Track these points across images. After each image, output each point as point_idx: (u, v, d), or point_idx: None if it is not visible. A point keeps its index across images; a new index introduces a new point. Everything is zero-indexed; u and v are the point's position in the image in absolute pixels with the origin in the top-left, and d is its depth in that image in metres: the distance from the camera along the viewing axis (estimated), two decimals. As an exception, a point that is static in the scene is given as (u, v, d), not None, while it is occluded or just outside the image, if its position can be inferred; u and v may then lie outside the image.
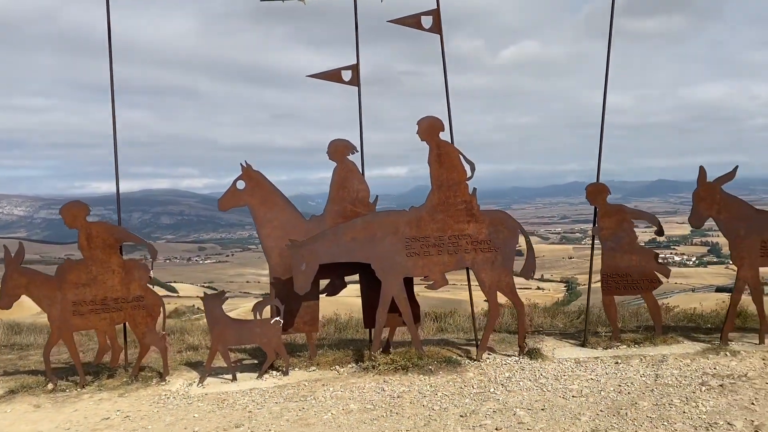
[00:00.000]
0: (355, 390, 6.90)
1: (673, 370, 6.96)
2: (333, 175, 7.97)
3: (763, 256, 7.43)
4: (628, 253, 7.92)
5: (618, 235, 7.93)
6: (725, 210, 7.50)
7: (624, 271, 7.93)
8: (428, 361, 7.52)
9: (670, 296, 66.96)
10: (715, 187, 7.50)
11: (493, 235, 7.65)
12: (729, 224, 7.50)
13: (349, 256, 7.54)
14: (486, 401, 6.34)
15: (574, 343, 8.28)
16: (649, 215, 8.06)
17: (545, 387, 6.69)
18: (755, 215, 7.48)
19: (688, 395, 6.12)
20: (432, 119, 7.64)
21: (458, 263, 7.72)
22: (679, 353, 7.46)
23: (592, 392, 6.42)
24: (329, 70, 8.13)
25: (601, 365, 7.31)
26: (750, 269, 7.46)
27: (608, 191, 7.98)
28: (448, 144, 7.70)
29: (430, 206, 7.67)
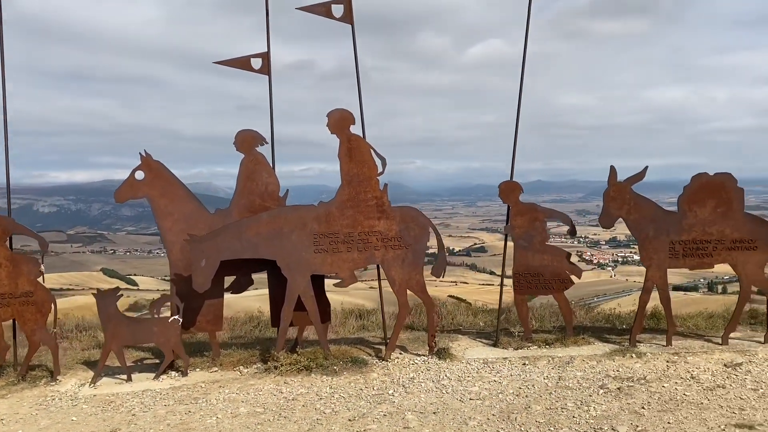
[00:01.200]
0: (251, 392, 6.64)
1: (577, 372, 6.86)
2: (240, 167, 7.67)
3: (671, 257, 7.38)
4: (540, 252, 7.81)
5: (530, 234, 7.81)
6: (635, 210, 7.43)
7: (536, 270, 7.82)
8: (334, 362, 7.29)
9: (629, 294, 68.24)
10: (625, 187, 7.42)
11: (404, 232, 7.45)
12: (638, 225, 7.44)
13: (253, 252, 7.25)
14: (381, 404, 6.14)
15: (487, 342, 8.15)
16: (562, 215, 7.96)
17: (446, 389, 6.52)
18: (664, 216, 7.43)
19: (584, 399, 6.01)
20: (342, 112, 7.39)
21: (368, 260, 7.50)
22: (586, 355, 7.37)
23: (491, 395, 6.27)
24: (238, 57, 7.82)
25: (508, 366, 7.18)
26: (658, 270, 7.41)
27: (521, 189, 7.85)
28: (358, 138, 7.46)
29: (340, 202, 7.43)
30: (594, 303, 79.73)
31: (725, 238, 7.31)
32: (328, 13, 7.69)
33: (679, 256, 7.39)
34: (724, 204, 7.29)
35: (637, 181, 7.43)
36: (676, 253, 7.39)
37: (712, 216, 7.31)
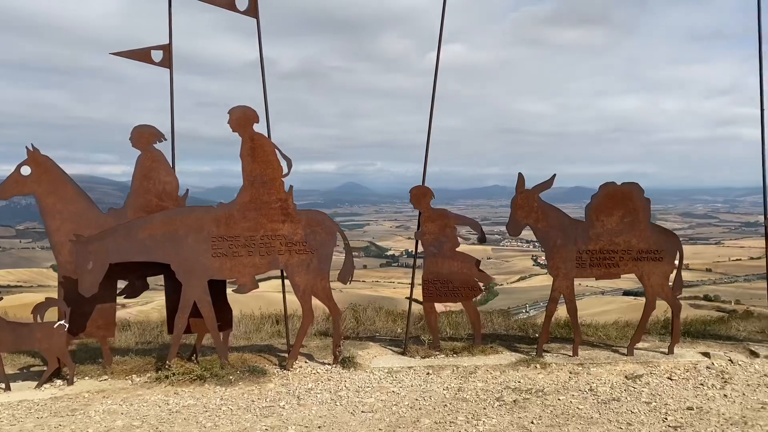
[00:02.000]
0: (135, 403, 6.26)
1: (479, 383, 6.71)
2: (136, 165, 7.27)
3: (578, 267, 7.30)
4: (449, 259, 7.64)
5: (440, 241, 7.64)
6: (543, 219, 7.33)
7: (446, 277, 7.65)
8: (230, 371, 6.97)
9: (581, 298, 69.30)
10: (532, 195, 7.31)
11: (310, 236, 7.18)
12: (546, 233, 7.33)
13: (146, 255, 6.87)
14: (267, 417, 5.85)
15: (397, 351, 7.94)
16: (472, 221, 7.81)
17: (341, 400, 6.28)
18: (572, 225, 7.34)
19: (477, 412, 5.84)
20: (245, 109, 7.07)
21: (271, 265, 7.20)
22: (492, 364, 7.22)
23: (384, 407, 6.06)
24: (137, 49, 7.43)
25: (412, 376, 6.98)
26: (565, 279, 7.32)
27: (432, 195, 7.67)
28: (262, 137, 7.16)
29: (242, 203, 7.11)
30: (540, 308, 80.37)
31: (632, 249, 7.26)
32: (230, 6, 7.36)
33: (587, 266, 7.32)
34: (631, 214, 7.25)
35: (545, 189, 7.33)
36: (583, 263, 7.31)
37: (619, 226, 7.26)
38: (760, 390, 6.19)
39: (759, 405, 5.74)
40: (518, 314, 64.75)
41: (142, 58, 7.40)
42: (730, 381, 6.48)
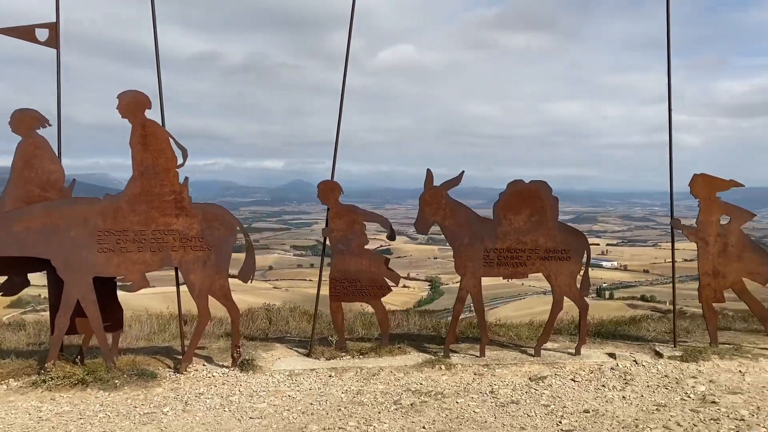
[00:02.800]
0: (2, 411, 5.73)
1: (380, 385, 6.45)
2: (16, 151, 6.69)
3: (486, 265, 7.13)
4: (357, 257, 7.36)
5: (348, 238, 7.35)
6: (450, 216, 7.14)
7: (353, 276, 7.36)
8: (116, 375, 6.49)
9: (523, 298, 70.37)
10: (441, 192, 7.11)
11: (207, 231, 6.77)
12: (453, 231, 7.14)
13: (22, 249, 6.33)
14: (145, 425, 5.43)
15: (303, 352, 7.60)
16: (382, 219, 7.55)
17: (230, 406, 5.90)
18: (479, 223, 7.17)
19: (371, 416, 5.57)
20: (136, 94, 6.60)
21: (163, 262, 6.75)
22: (397, 366, 6.98)
23: (276, 412, 5.72)
24: (20, 26, 6.84)
25: (313, 379, 6.67)
26: (472, 278, 7.14)
27: (340, 190, 7.37)
28: (155, 124, 6.70)
29: (131, 195, 6.64)
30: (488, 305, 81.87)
31: (539, 248, 7.14)
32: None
33: (494, 265, 7.16)
34: (539, 213, 7.13)
35: (453, 186, 7.14)
36: (490, 262, 7.15)
37: (526, 225, 7.13)
38: (658, 391, 6.13)
39: (654, 407, 5.67)
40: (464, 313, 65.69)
41: (26, 36, 6.82)
42: (631, 382, 6.42)
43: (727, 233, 7.34)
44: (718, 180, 7.31)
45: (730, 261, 7.33)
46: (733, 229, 7.34)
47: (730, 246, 7.33)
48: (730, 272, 7.33)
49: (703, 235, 7.36)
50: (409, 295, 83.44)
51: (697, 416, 5.34)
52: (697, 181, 7.34)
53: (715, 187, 7.31)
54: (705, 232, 7.36)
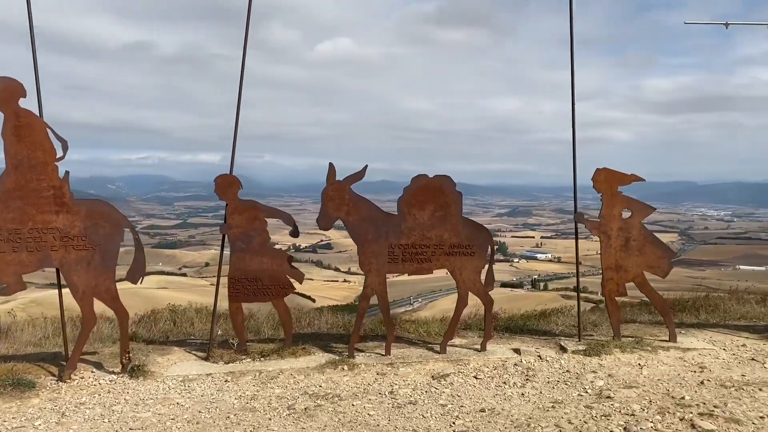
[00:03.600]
0: None
1: (277, 389, 6.17)
2: None
3: (391, 262, 6.96)
4: (258, 255, 7.04)
5: (249, 235, 7.02)
6: (354, 212, 6.92)
7: (254, 275, 7.04)
8: (-14, 386, 5.96)
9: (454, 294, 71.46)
10: (344, 187, 6.87)
11: (91, 229, 6.31)
12: (357, 227, 6.93)
13: None
14: (8, 442, 4.97)
15: (201, 356, 7.23)
16: (285, 214, 7.25)
17: (111, 416, 5.50)
18: (384, 218, 6.99)
19: (260, 423, 5.29)
20: (8, 81, 6.08)
21: (42, 263, 6.26)
22: (298, 368, 6.71)
23: (159, 422, 5.36)
24: None
25: (207, 384, 6.32)
26: (377, 276, 6.95)
27: (240, 185, 7.02)
28: (30, 114, 6.18)
29: (4, 191, 6.11)
30: (429, 299, 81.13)
31: (444, 243, 7.01)
32: None
33: (399, 261, 6.99)
34: (443, 208, 7.00)
35: (357, 181, 6.92)
36: (395, 258, 6.97)
37: (431, 220, 6.99)
38: (557, 387, 6.10)
39: (550, 404, 5.61)
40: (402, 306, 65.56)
41: None
42: (533, 378, 6.37)
43: (629, 227, 7.41)
44: (619, 174, 7.37)
45: (631, 255, 7.41)
46: (634, 223, 7.42)
47: (632, 240, 7.40)
48: (632, 266, 7.41)
49: (606, 229, 7.41)
50: (350, 289, 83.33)
51: (590, 413, 5.31)
52: (600, 175, 7.37)
53: (617, 182, 7.37)
54: (607, 227, 7.41)
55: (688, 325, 8.43)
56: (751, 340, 7.67)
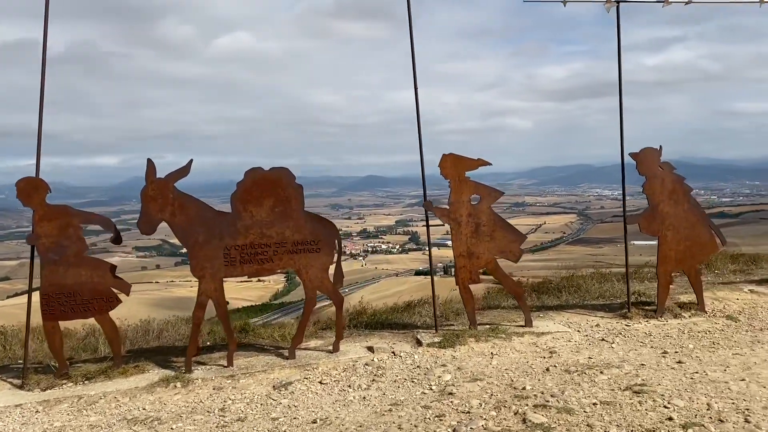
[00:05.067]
0: None
1: (93, 416, 5.46)
2: None
3: (227, 264, 6.38)
4: (75, 266, 6.26)
5: (61, 245, 6.22)
6: (180, 212, 6.28)
7: (72, 289, 6.26)
8: None
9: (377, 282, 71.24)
10: (167, 185, 6.23)
11: None
12: (185, 229, 6.30)
13: None
14: None
15: (17, 383, 6.36)
16: (103, 219, 6.49)
17: None
18: (216, 218, 6.40)
19: (55, 461, 4.59)
20: None
21: None
22: (125, 389, 6.01)
23: (-68, 473, 4.54)
24: None
25: (15, 417, 5.55)
26: (213, 281, 6.36)
27: (47, 188, 6.21)
28: None
29: None
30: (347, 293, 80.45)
31: (286, 241, 6.52)
32: None
33: (237, 263, 6.42)
34: (283, 203, 6.50)
35: (181, 177, 6.29)
36: (232, 260, 6.40)
37: (270, 217, 6.47)
38: (403, 386, 5.76)
39: (389, 407, 5.25)
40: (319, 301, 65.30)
41: None
42: (379, 379, 6.00)
43: (479, 213, 7.21)
44: (466, 159, 7.14)
45: (482, 241, 7.21)
46: (483, 208, 7.23)
47: (482, 226, 7.21)
48: (484, 252, 7.23)
49: (455, 216, 7.17)
50: (264, 289, 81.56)
51: (425, 414, 4.97)
52: (446, 161, 7.12)
53: (464, 167, 7.14)
54: (457, 213, 7.17)
55: (549, 308, 8.39)
56: (606, 319, 7.69)
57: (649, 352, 6.31)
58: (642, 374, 5.55)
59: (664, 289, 7.67)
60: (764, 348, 6.19)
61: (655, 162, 7.56)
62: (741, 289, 8.67)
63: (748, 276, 9.60)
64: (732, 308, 7.94)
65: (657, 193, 7.60)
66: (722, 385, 5.11)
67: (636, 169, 7.59)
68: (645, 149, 7.58)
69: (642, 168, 7.58)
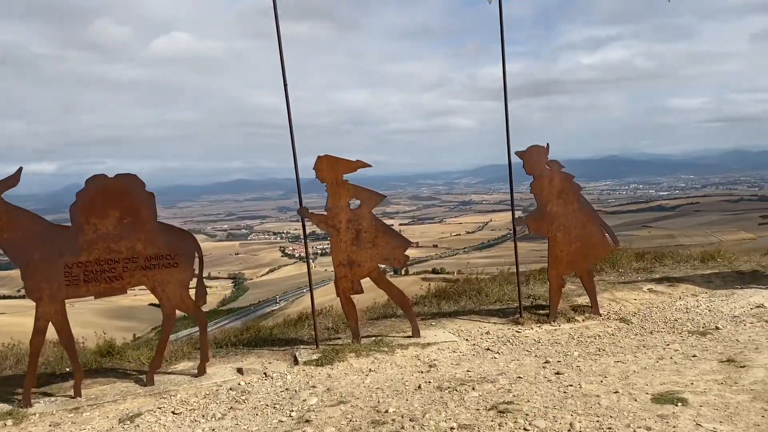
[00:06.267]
0: None
1: None
2: None
3: (69, 284, 5.69)
4: None
5: None
6: (9, 227, 5.56)
7: None
8: None
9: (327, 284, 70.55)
10: (-13, 197, 5.49)
11: None
12: (18, 246, 5.58)
13: None
14: None
15: None
16: None
17: None
18: (54, 232, 5.70)
19: None
20: None
21: None
22: (-52, 431, 5.27)
23: None
24: None
25: None
26: (52, 303, 5.66)
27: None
28: None
29: None
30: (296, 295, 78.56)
31: (138, 256, 5.88)
32: None
33: (81, 282, 5.74)
34: (132, 213, 5.85)
35: (10, 187, 5.58)
36: (75, 279, 5.72)
37: (117, 229, 5.81)
38: (262, 414, 5.20)
39: (236, 439, 4.71)
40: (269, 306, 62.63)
41: None
42: (239, 406, 5.43)
43: (359, 218, 6.73)
44: (343, 161, 6.65)
45: (364, 248, 6.73)
46: (364, 213, 6.75)
47: (363, 232, 6.73)
48: (366, 260, 6.75)
49: (334, 222, 6.67)
50: (212, 295, 79.56)
51: (269, 447, 4.46)
52: (322, 163, 6.61)
53: (342, 169, 6.65)
54: (335, 219, 6.67)
55: (444, 315, 7.97)
56: (498, 325, 7.34)
57: (531, 363, 5.96)
58: (515, 389, 5.17)
59: (556, 292, 7.37)
60: (647, 354, 5.92)
61: (541, 160, 7.26)
62: (641, 289, 8.48)
63: (650, 274, 9.46)
64: (628, 309, 7.72)
65: (545, 193, 7.30)
66: (593, 400, 4.76)
67: (523, 169, 7.27)
68: (531, 147, 7.27)
69: (528, 167, 7.27)
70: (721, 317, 7.14)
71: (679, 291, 8.35)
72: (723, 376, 5.02)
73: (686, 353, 5.81)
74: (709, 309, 7.46)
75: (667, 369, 5.35)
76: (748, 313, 7.17)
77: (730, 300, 7.73)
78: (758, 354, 5.41)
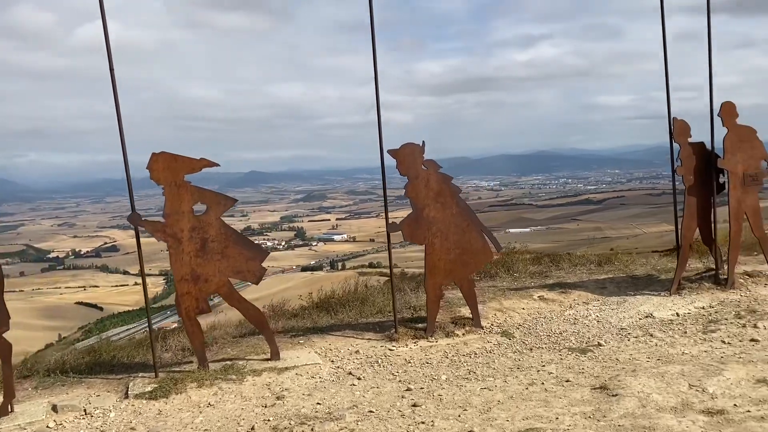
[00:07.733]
0: None
1: None
2: None
3: None
4: None
5: None
6: None
7: None
8: None
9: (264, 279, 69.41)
10: None
11: None
12: None
13: None
14: None
15: None
16: None
17: None
18: None
19: None
20: None
21: None
22: None
23: None
24: None
25: None
26: None
27: None
28: None
29: None
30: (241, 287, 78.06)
31: None
32: None
33: None
34: None
35: None
36: None
37: None
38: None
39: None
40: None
41: None
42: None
43: (206, 226, 5.84)
44: (184, 159, 5.75)
45: (212, 260, 5.86)
46: (212, 220, 5.85)
47: (210, 241, 5.85)
48: (214, 274, 5.88)
49: (174, 231, 5.76)
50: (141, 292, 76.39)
51: None
52: (157, 162, 5.69)
53: (182, 169, 5.75)
54: (175, 227, 5.76)
55: (318, 330, 7.13)
56: (371, 342, 6.62)
57: (391, 390, 5.26)
58: (360, 428, 4.45)
59: (434, 304, 6.73)
60: (519, 378, 5.32)
61: (417, 160, 6.58)
62: (531, 296, 7.95)
63: (545, 279, 8.99)
64: (513, 321, 7.16)
65: (421, 196, 6.64)
66: (441, 442, 4.10)
67: (396, 169, 6.58)
68: (404, 145, 6.58)
69: (402, 168, 6.59)
70: (608, 329, 6.66)
71: (571, 298, 7.87)
72: (592, 408, 4.45)
73: (560, 377, 5.24)
74: (598, 320, 6.99)
75: (534, 399, 4.75)
76: (636, 325, 6.73)
77: (620, 309, 7.29)
78: (634, 378, 4.89)
